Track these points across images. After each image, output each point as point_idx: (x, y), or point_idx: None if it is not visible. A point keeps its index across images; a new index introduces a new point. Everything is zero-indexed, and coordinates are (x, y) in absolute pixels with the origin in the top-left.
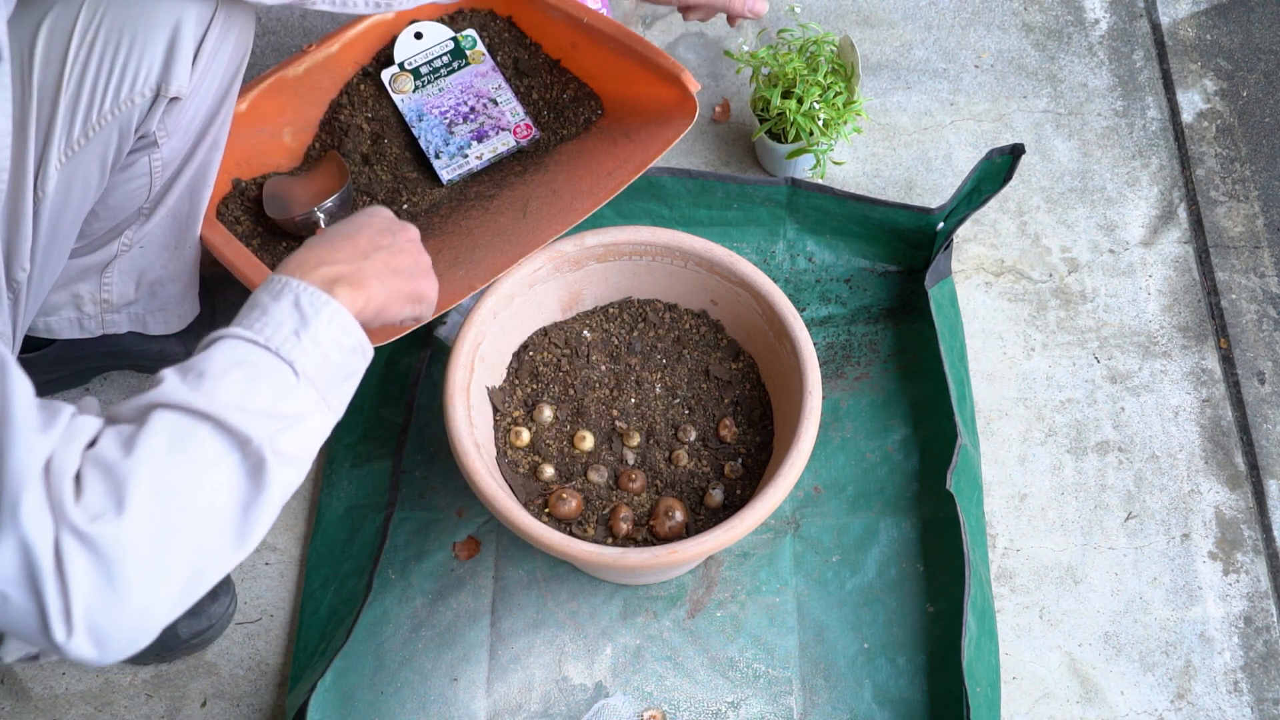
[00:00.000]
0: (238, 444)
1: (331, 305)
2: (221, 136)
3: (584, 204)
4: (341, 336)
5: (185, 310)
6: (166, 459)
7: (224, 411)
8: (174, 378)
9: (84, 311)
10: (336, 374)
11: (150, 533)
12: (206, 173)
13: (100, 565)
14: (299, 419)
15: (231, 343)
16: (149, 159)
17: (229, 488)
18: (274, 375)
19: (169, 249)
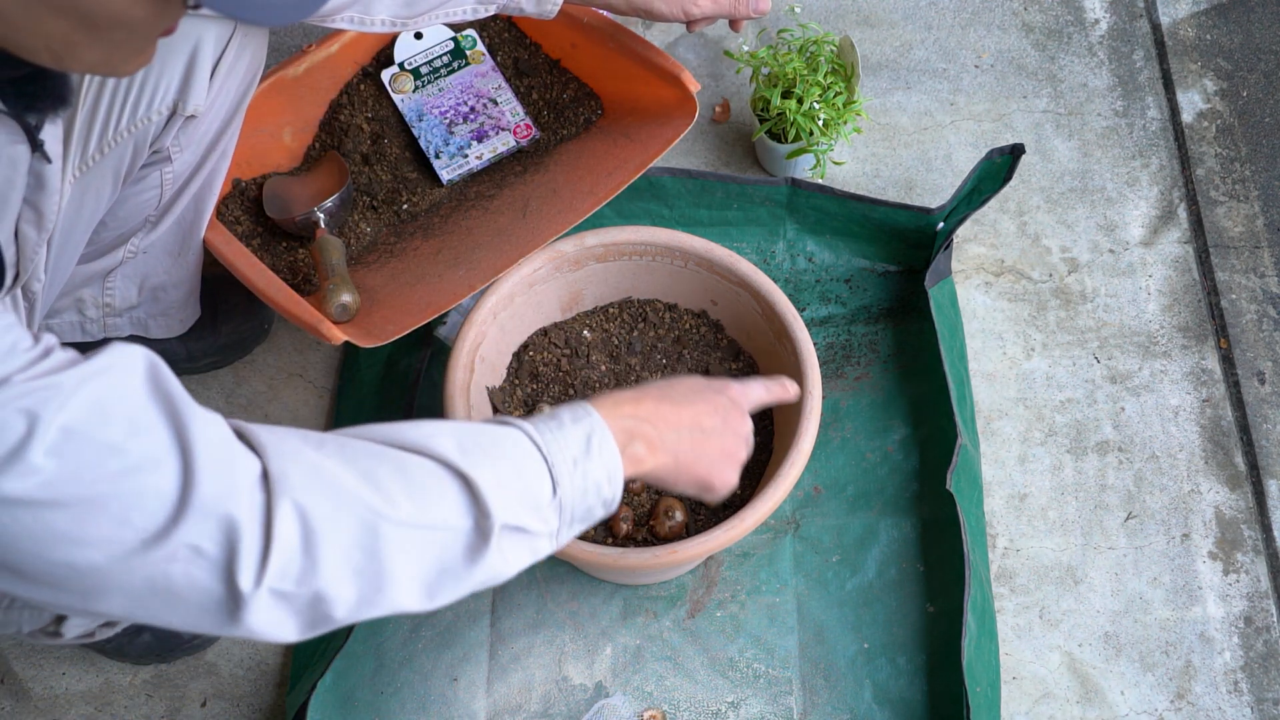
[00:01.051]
0: (477, 512)
1: (614, 456)
2: (230, 147)
3: (584, 204)
4: (605, 485)
5: (187, 314)
6: (413, 491)
7: (481, 482)
8: (453, 433)
9: (86, 315)
10: (580, 512)
11: (363, 535)
12: (214, 182)
13: (306, 538)
14: (530, 534)
15: (518, 435)
16: (160, 172)
17: (446, 547)
18: (537, 483)
19: (173, 255)
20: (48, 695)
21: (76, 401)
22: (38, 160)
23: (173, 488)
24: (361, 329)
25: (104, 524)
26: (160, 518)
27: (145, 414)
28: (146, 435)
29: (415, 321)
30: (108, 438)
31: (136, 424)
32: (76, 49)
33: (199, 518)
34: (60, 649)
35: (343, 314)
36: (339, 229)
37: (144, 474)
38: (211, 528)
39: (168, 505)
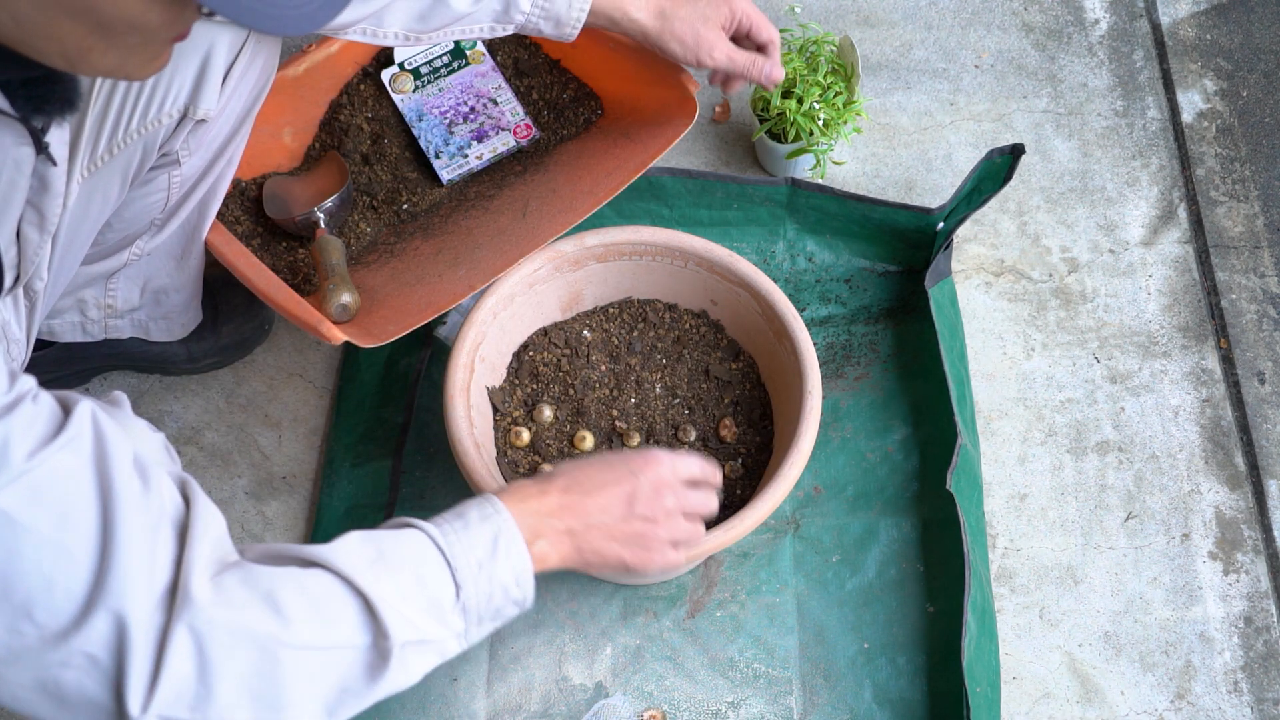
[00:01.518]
0: (375, 633)
1: (521, 557)
2: (238, 153)
3: (584, 204)
4: (513, 586)
5: (188, 319)
6: (311, 612)
7: (380, 601)
8: (355, 544)
9: (88, 316)
10: (488, 613)
11: (259, 658)
12: (219, 187)
13: (200, 661)
14: (433, 642)
15: (420, 539)
16: (168, 175)
17: (345, 666)
18: (439, 590)
19: (176, 259)
20: None
21: (19, 485)
22: (42, 163)
23: (82, 588)
24: (361, 329)
25: (5, 613)
26: (63, 619)
27: (79, 504)
28: (74, 528)
29: (415, 321)
30: (35, 524)
31: (67, 514)
32: (90, 54)
33: (100, 627)
34: None
35: (343, 314)
36: (339, 229)
37: (60, 566)
38: (111, 639)
39: (74, 605)
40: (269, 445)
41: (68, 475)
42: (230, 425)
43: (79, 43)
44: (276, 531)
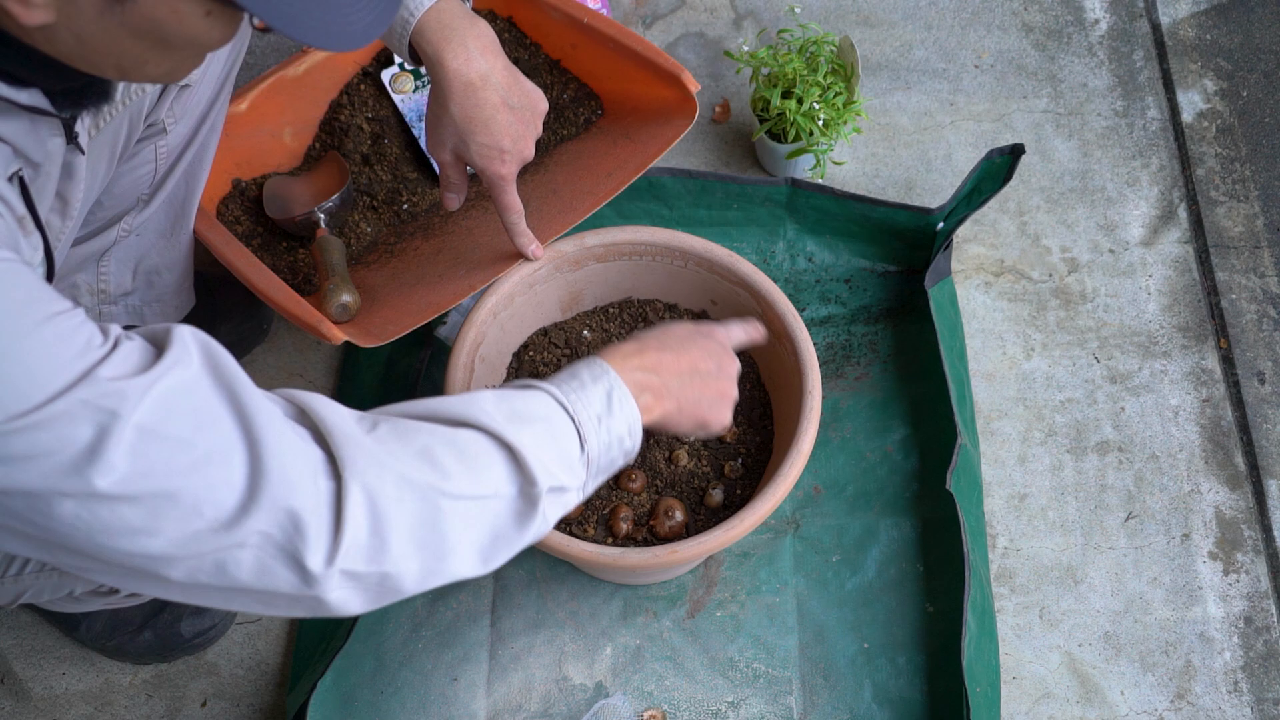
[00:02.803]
0: (523, 481)
1: (632, 410)
2: (219, 120)
3: (584, 204)
4: (627, 438)
5: (182, 301)
6: (464, 464)
7: (524, 450)
8: (490, 402)
9: (81, 304)
10: (604, 464)
11: (424, 509)
12: (204, 156)
13: (374, 520)
14: (566, 490)
15: (546, 399)
16: (155, 146)
17: (497, 515)
18: (568, 443)
19: (164, 236)
20: (48, 695)
21: (148, 400)
22: (71, 152)
23: (241, 478)
24: (361, 329)
25: (176, 516)
26: (230, 507)
27: (211, 407)
28: (213, 429)
29: (415, 321)
30: (178, 433)
31: (203, 418)
32: (146, 65)
33: (268, 506)
34: (61, 649)
35: (343, 314)
36: (339, 229)
37: (213, 466)
38: (280, 516)
39: (237, 495)
40: None
41: (190, 384)
42: None
43: (137, 56)
44: None
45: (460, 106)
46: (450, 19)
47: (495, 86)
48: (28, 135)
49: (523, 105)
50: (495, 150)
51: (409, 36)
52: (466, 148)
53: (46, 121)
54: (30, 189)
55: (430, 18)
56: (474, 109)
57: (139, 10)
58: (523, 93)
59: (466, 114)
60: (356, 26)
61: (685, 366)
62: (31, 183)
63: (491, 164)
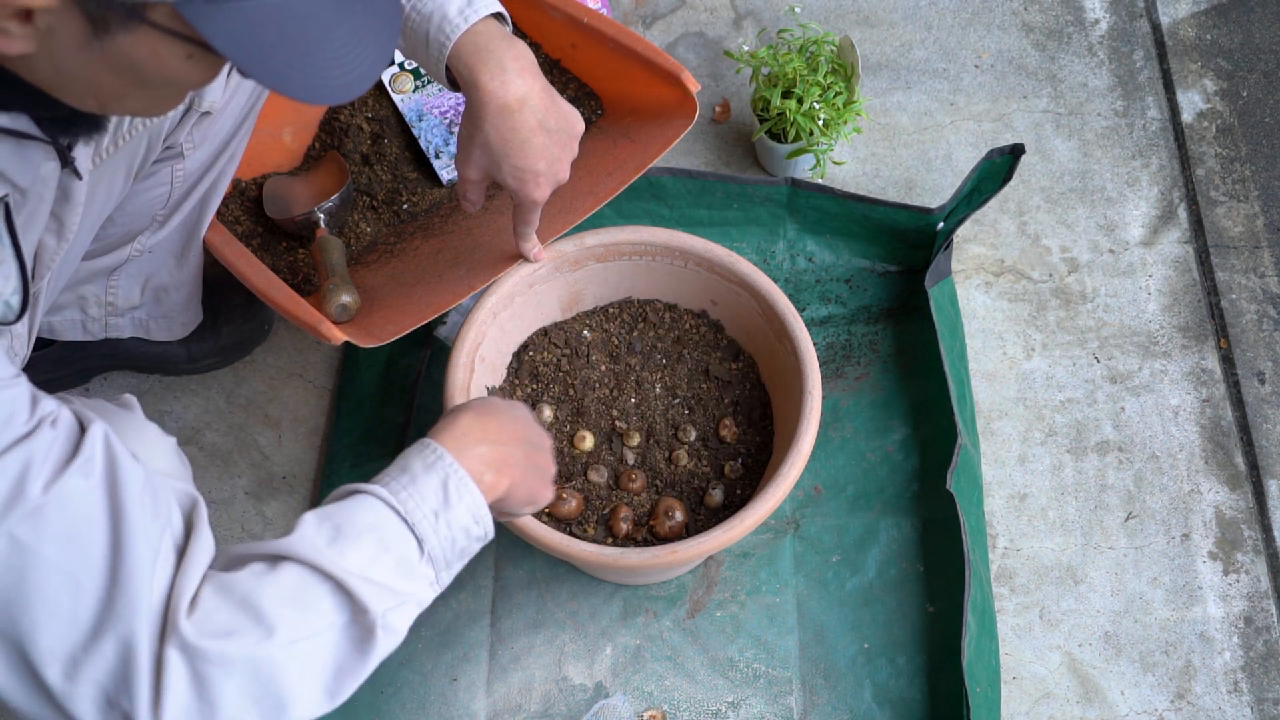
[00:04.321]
0: (353, 609)
1: (474, 495)
2: (239, 150)
3: (584, 204)
4: (473, 525)
5: (188, 318)
6: (288, 608)
7: (349, 578)
8: (311, 528)
9: (88, 314)
10: (455, 556)
11: (252, 667)
12: (220, 183)
13: (196, 682)
14: (411, 597)
15: (373, 504)
16: (171, 169)
17: (333, 648)
18: (402, 549)
19: (176, 256)
20: None
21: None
22: (67, 175)
23: (90, 616)
24: (361, 329)
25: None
26: (71, 645)
27: (91, 533)
28: (83, 558)
29: (415, 321)
30: (48, 553)
31: (79, 546)
32: (124, 100)
33: (108, 653)
34: None
35: (343, 314)
36: (339, 229)
37: (66, 596)
38: (116, 665)
39: (81, 633)
40: (269, 445)
41: (81, 503)
42: (230, 425)
43: (115, 91)
44: (276, 531)
45: (496, 129)
46: (487, 41)
47: (533, 109)
48: (11, 160)
49: (559, 128)
50: (530, 174)
51: (446, 61)
52: (499, 169)
53: (36, 146)
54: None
55: (466, 40)
56: (510, 132)
57: (118, 48)
58: (559, 115)
59: (502, 136)
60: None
61: (520, 435)
62: (18, 209)
63: (525, 187)
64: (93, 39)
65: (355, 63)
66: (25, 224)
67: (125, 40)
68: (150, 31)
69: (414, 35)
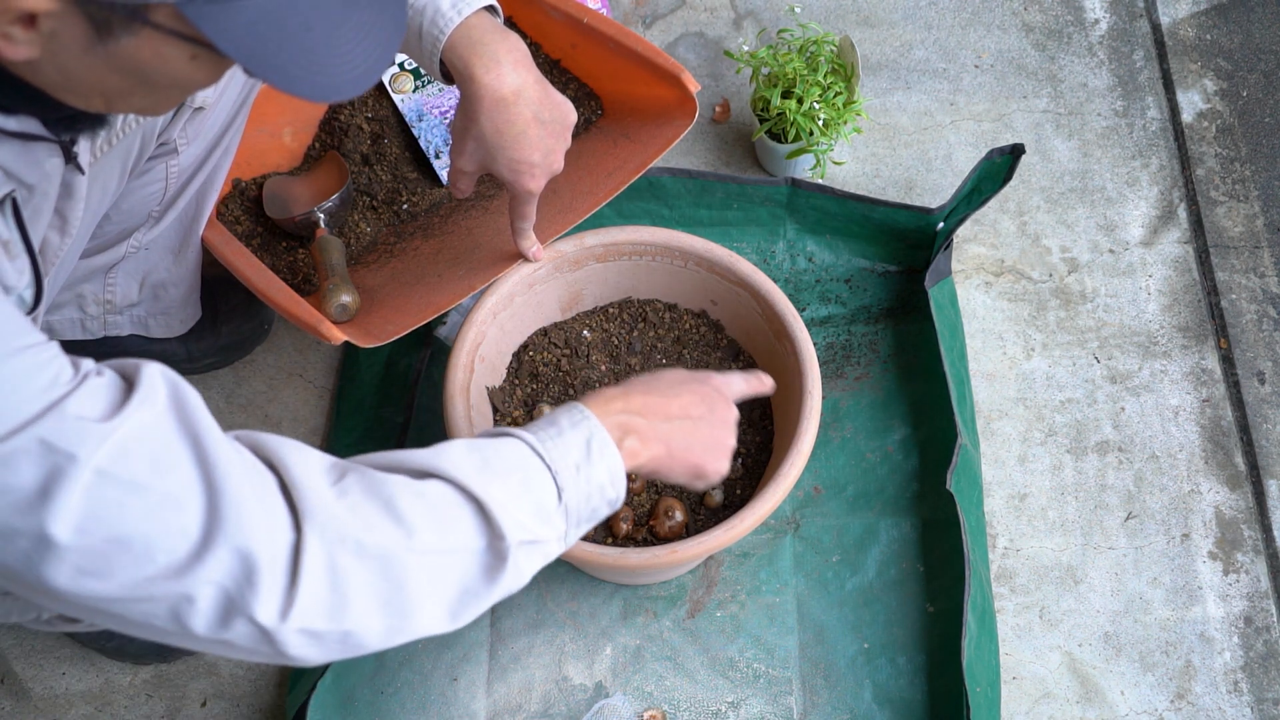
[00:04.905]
0: (491, 535)
1: (614, 457)
2: (234, 144)
3: (584, 204)
4: (609, 486)
5: (187, 314)
6: (430, 519)
7: (493, 504)
8: (460, 453)
9: (87, 312)
10: (585, 514)
11: (387, 566)
12: (215, 178)
13: (332, 571)
14: (541, 543)
15: (521, 447)
16: (166, 165)
17: (465, 569)
18: (543, 493)
19: (174, 252)
20: (48, 695)
21: (108, 445)
22: (70, 171)
23: (196, 526)
24: (361, 329)
25: (127, 561)
26: (182, 554)
27: (171, 451)
28: (172, 474)
29: (415, 321)
30: (135, 478)
31: (162, 462)
32: (129, 98)
33: (222, 556)
34: (61, 649)
35: (343, 314)
36: (339, 229)
37: (168, 513)
38: (234, 566)
39: (191, 543)
40: None
41: (152, 427)
42: (230, 425)
43: (121, 91)
44: None
45: (491, 121)
46: (481, 34)
47: (528, 101)
48: (19, 159)
49: (553, 119)
50: (525, 165)
51: (440, 54)
52: (495, 161)
53: (42, 144)
54: (23, 211)
55: (460, 34)
56: (505, 124)
57: (123, 50)
58: (553, 106)
59: (497, 129)
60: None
61: (675, 411)
62: (25, 204)
63: (520, 178)
64: (96, 42)
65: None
66: (32, 219)
67: (129, 43)
68: (153, 33)
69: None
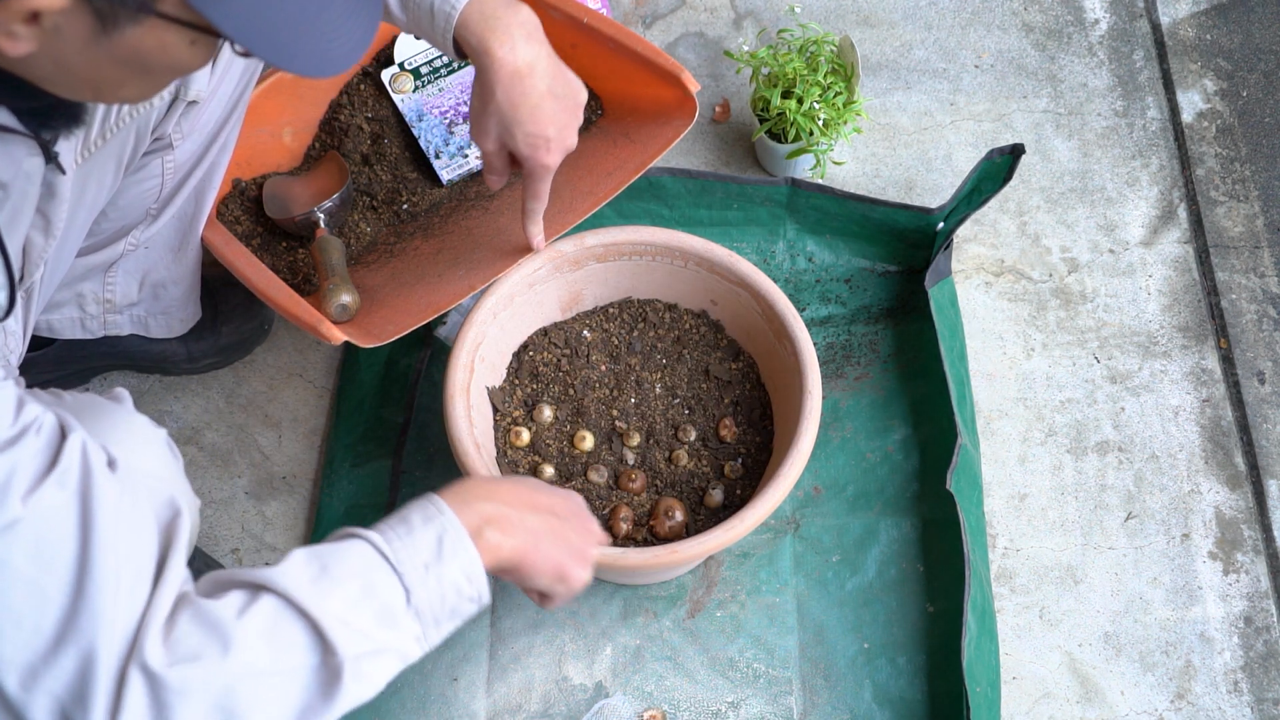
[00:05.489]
0: (323, 651)
1: (469, 553)
2: (231, 139)
3: (584, 204)
4: (465, 584)
5: (187, 314)
6: (260, 640)
7: (325, 618)
8: (299, 563)
9: (86, 311)
10: (444, 613)
11: (215, 697)
12: (214, 175)
13: (155, 707)
14: (390, 649)
15: (365, 549)
16: (162, 161)
17: (300, 689)
18: (388, 597)
19: (173, 250)
20: None
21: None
22: (51, 171)
23: (52, 628)
24: (361, 329)
25: None
26: (30, 656)
27: (60, 546)
28: (50, 571)
29: (415, 321)
30: (15, 563)
31: (46, 557)
32: (122, 88)
33: (67, 665)
34: None
35: (343, 314)
36: (339, 229)
37: (30, 606)
38: (74, 679)
39: (42, 644)
40: (269, 445)
41: (54, 515)
42: (230, 425)
43: (116, 81)
44: (276, 531)
45: (507, 95)
46: (492, 9)
47: (542, 74)
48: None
49: (566, 94)
50: (541, 138)
51: (453, 31)
52: (512, 136)
53: (18, 141)
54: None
55: (473, 9)
56: (520, 97)
57: (125, 41)
58: (566, 81)
59: (513, 102)
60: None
61: (542, 504)
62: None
63: (537, 152)
64: (100, 34)
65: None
66: (9, 220)
67: (133, 33)
68: (158, 22)
69: (417, 9)
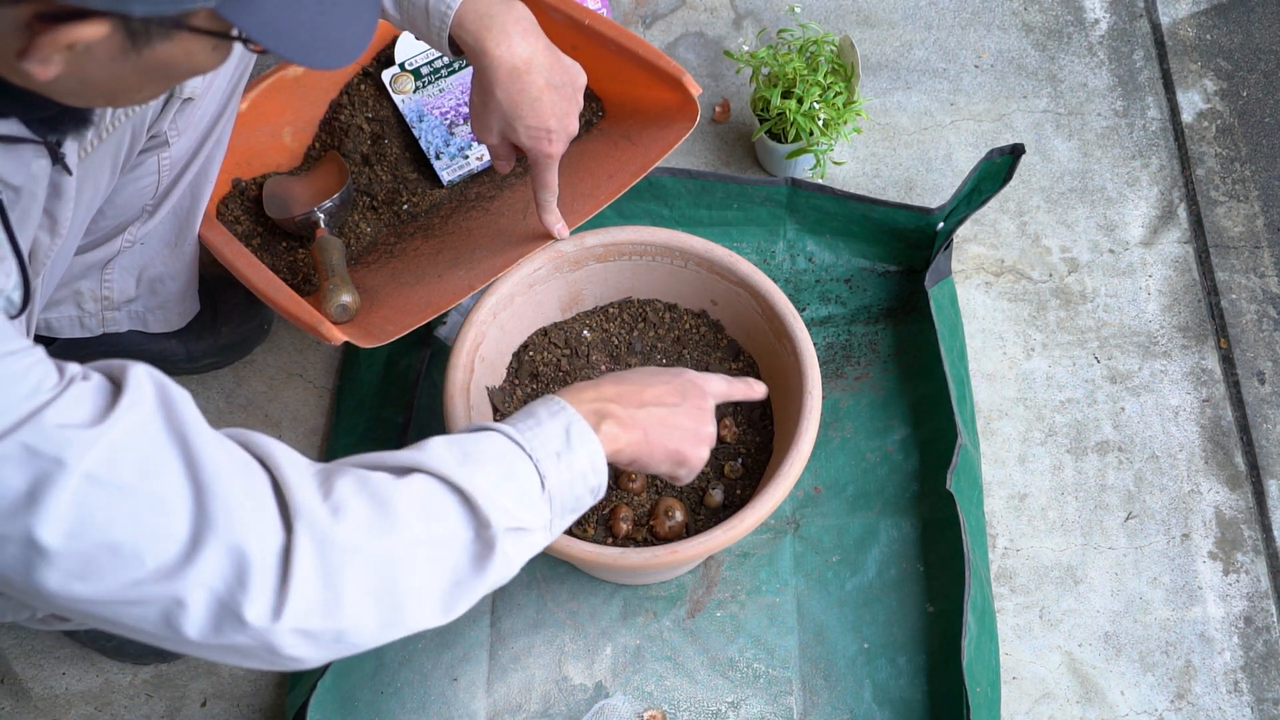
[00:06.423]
0: (477, 524)
1: (593, 443)
2: (226, 134)
3: (584, 207)
4: (590, 473)
5: (185, 308)
6: (418, 512)
7: (477, 492)
8: (441, 447)
9: (84, 309)
10: (569, 502)
11: (379, 562)
12: (209, 170)
13: (324, 570)
14: (527, 530)
15: (499, 439)
16: (158, 158)
17: (454, 560)
18: (525, 482)
19: (169, 245)
20: (48, 695)
21: (97, 449)
22: (58, 172)
23: (185, 529)
24: (361, 329)
25: (118, 565)
26: (172, 558)
27: (160, 454)
28: (160, 477)
29: (415, 321)
30: (123, 481)
31: (150, 465)
32: (139, 94)
33: (211, 558)
34: (60, 649)
35: (343, 314)
36: (339, 229)
37: (157, 516)
38: (224, 568)
39: (180, 546)
40: None
41: (140, 430)
42: (230, 425)
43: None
44: None
45: (506, 92)
46: (487, 6)
47: (539, 68)
48: (5, 162)
49: (564, 83)
50: (543, 131)
51: (448, 29)
52: (514, 131)
53: (29, 146)
54: (10, 213)
55: (468, 8)
56: (519, 93)
57: (155, 55)
58: (563, 70)
59: (512, 98)
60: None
61: (649, 398)
62: (12, 207)
63: (540, 144)
64: (129, 51)
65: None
66: (20, 221)
67: (163, 47)
68: (188, 35)
69: (412, 7)
